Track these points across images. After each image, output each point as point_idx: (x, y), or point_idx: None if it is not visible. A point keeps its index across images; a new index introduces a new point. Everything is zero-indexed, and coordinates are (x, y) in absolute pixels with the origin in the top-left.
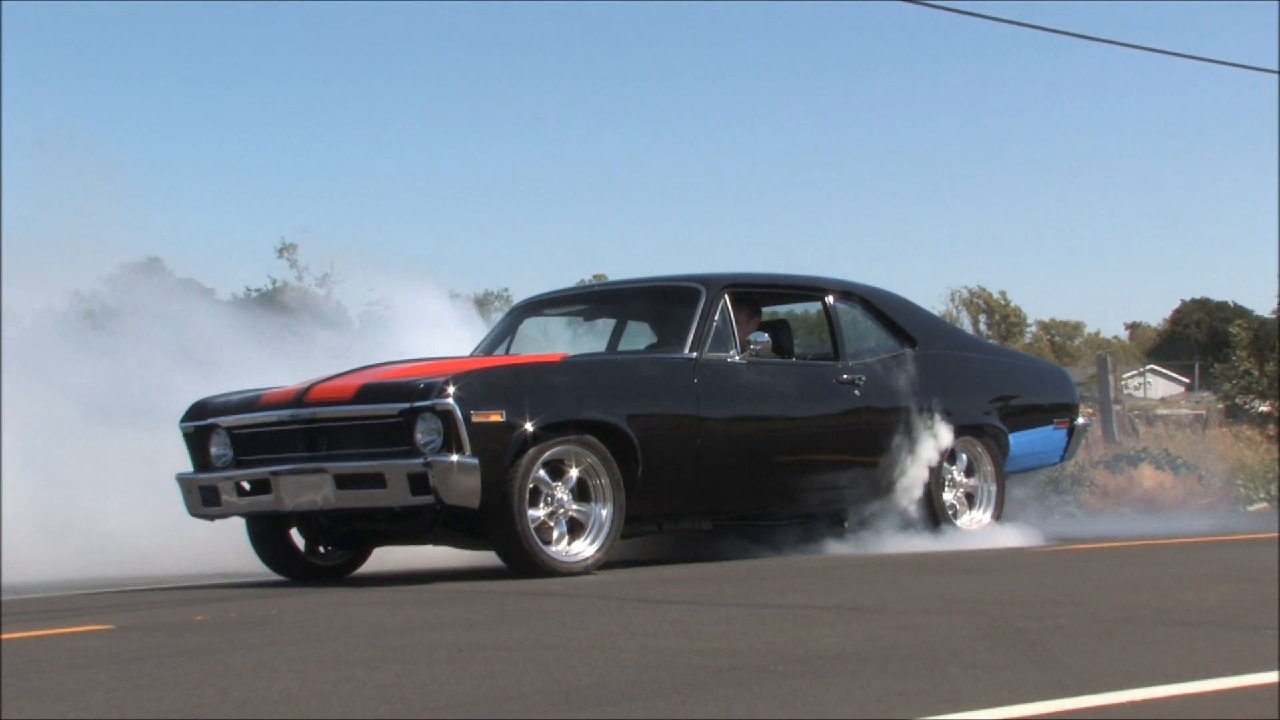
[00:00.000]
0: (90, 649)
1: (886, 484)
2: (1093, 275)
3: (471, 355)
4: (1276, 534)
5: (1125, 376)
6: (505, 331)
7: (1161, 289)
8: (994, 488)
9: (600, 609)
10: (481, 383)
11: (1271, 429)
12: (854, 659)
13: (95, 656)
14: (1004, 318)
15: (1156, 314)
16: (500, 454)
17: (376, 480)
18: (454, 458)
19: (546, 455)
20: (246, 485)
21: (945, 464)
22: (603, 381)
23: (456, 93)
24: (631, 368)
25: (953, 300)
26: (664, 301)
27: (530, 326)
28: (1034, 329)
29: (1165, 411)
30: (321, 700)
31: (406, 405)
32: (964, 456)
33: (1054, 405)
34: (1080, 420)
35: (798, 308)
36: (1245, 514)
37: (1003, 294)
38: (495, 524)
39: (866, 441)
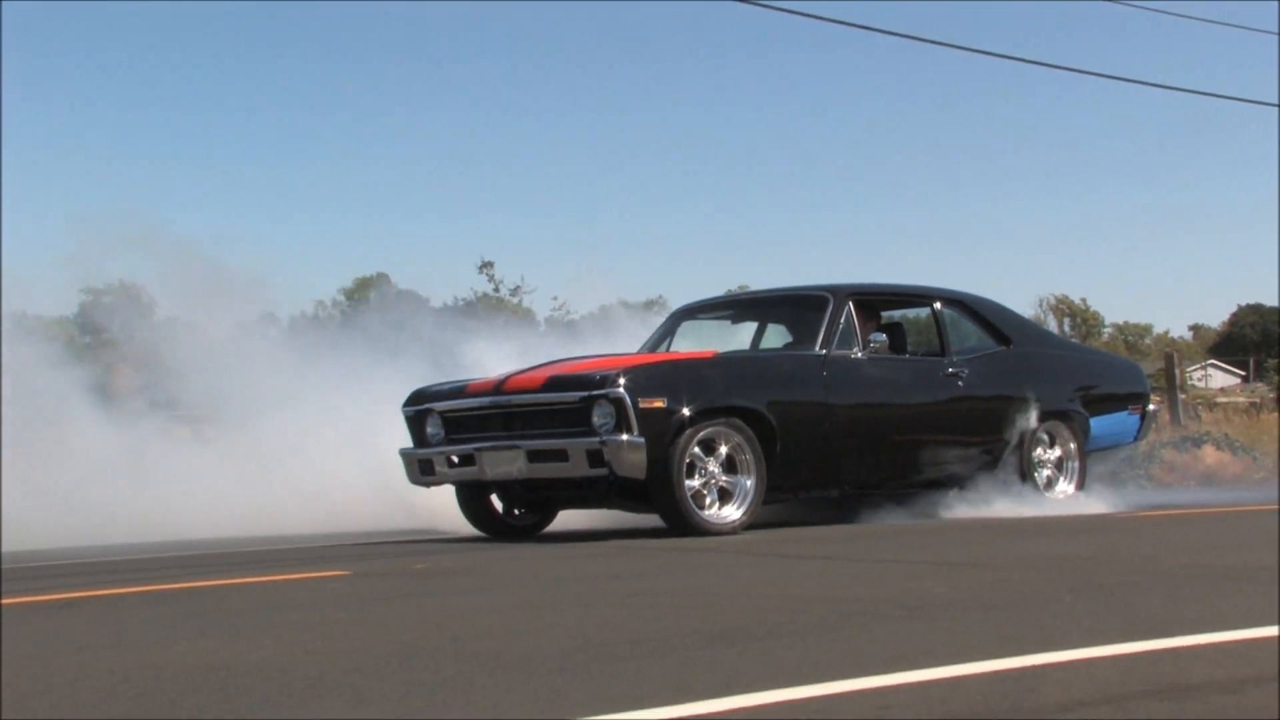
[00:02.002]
0: (330, 591)
1: (985, 459)
2: (1161, 283)
3: (638, 352)
4: None
5: (1189, 370)
6: (666, 332)
7: (1221, 295)
8: (1078, 464)
9: (746, 563)
10: (646, 375)
11: None
12: (958, 606)
13: (335, 597)
14: (1084, 320)
15: (1216, 317)
16: (662, 434)
17: (561, 455)
18: (624, 437)
19: (700, 435)
20: (455, 459)
21: (1036, 443)
22: (747, 374)
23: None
24: (771, 363)
25: (1041, 306)
26: (798, 307)
27: (687, 328)
28: (1110, 330)
29: (1224, 400)
30: (516, 636)
31: (586, 394)
32: (1051, 438)
33: (1128, 394)
34: (1150, 407)
35: (910, 312)
36: None
37: (1083, 300)
38: (658, 492)
39: (968, 424)
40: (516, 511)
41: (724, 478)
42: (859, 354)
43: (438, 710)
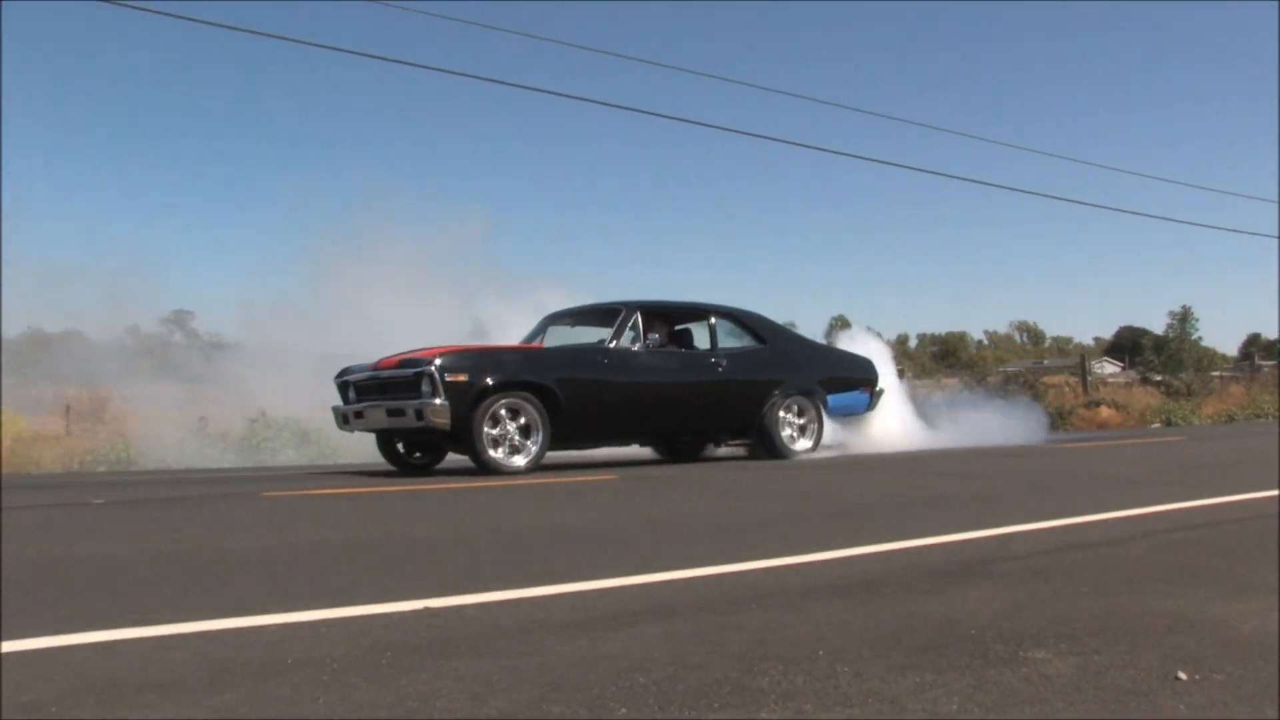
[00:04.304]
0: (607, 486)
1: (741, 424)
2: (1077, 311)
3: (516, 344)
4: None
5: (1094, 362)
6: (539, 331)
7: (1110, 319)
8: (817, 426)
9: (817, 476)
10: (455, 358)
11: (1162, 389)
12: (783, 519)
13: (609, 489)
14: (1034, 335)
15: (1108, 332)
16: (463, 398)
17: (402, 412)
18: (436, 400)
19: (502, 401)
20: (356, 413)
21: (784, 413)
22: (542, 360)
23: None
24: (560, 352)
25: (1010, 325)
26: (605, 314)
27: (552, 331)
28: (1050, 340)
29: (1113, 380)
30: (706, 514)
31: (416, 370)
32: (800, 409)
33: (860, 379)
34: (879, 388)
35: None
36: (1152, 429)
37: (1034, 322)
38: (462, 441)
39: (727, 398)
40: (417, 455)
41: (517, 437)
42: (638, 347)
43: (667, 551)
